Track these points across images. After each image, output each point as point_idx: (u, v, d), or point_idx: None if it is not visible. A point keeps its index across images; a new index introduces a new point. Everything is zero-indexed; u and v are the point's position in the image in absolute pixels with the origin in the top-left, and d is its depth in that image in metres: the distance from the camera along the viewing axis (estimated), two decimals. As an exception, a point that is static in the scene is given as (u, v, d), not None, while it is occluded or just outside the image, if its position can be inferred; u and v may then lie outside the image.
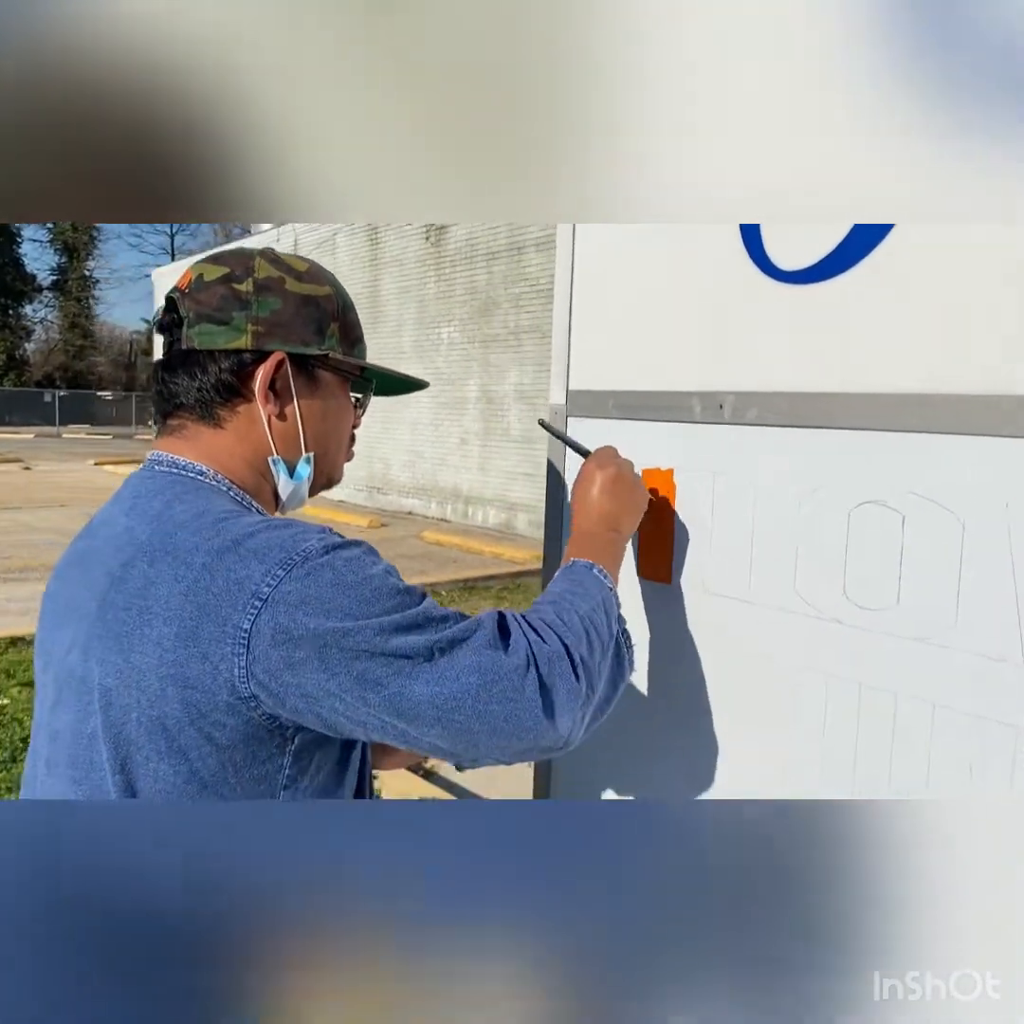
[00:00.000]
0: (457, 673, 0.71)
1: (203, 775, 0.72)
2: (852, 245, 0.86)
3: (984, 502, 0.77)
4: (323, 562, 0.72)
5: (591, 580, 0.89)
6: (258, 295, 0.85)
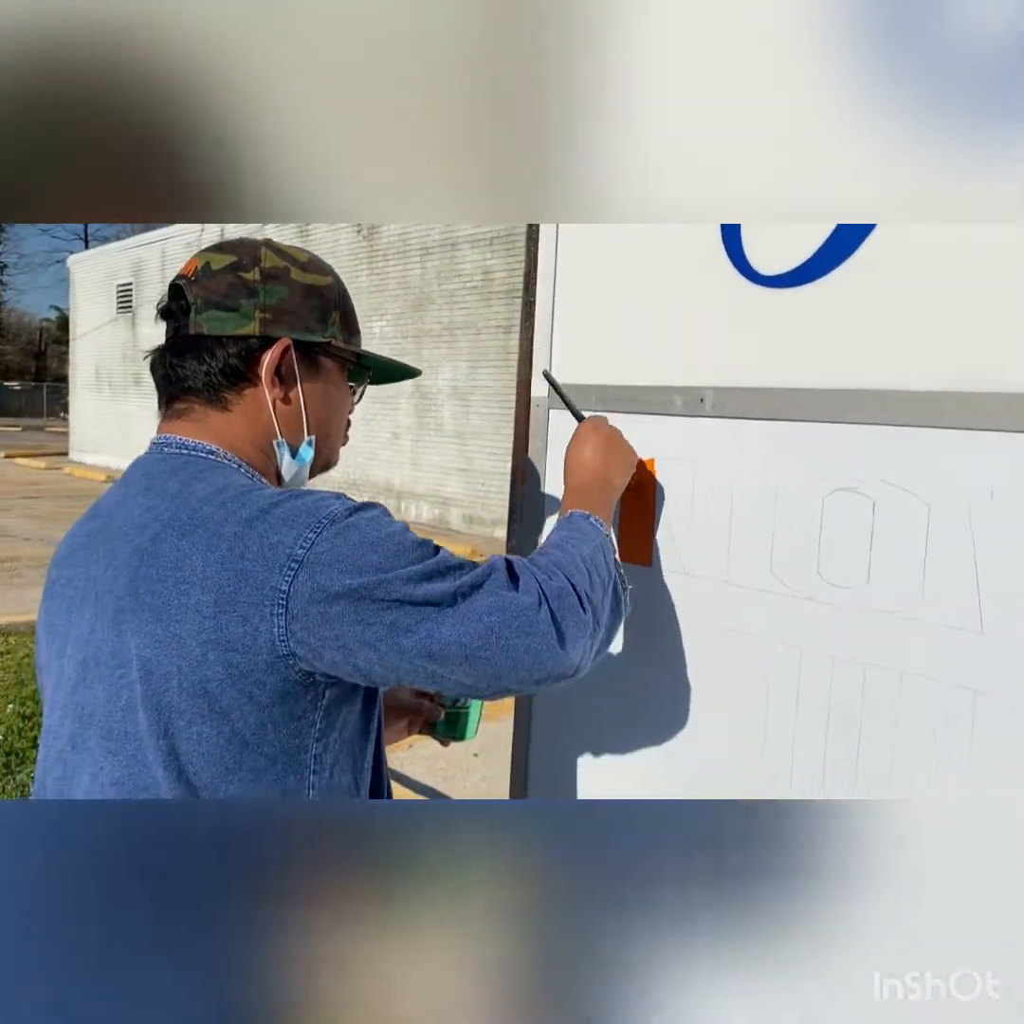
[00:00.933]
0: (479, 614, 0.77)
1: (244, 734, 0.77)
2: (827, 254, 0.93)
3: (947, 488, 0.85)
4: (349, 523, 0.77)
5: (589, 527, 0.95)
6: (265, 283, 0.88)
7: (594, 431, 1.05)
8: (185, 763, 0.76)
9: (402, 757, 3.61)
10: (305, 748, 0.80)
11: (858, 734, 0.93)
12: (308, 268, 0.92)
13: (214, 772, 0.77)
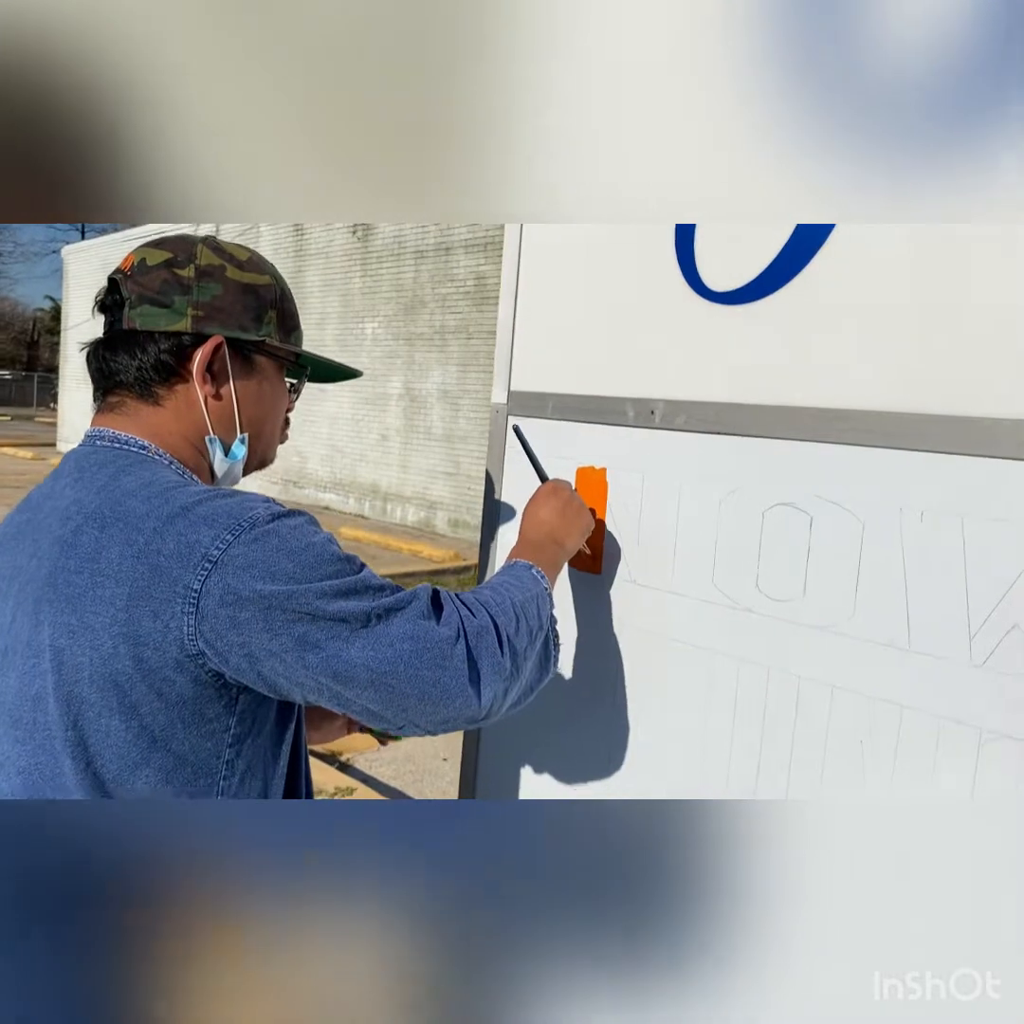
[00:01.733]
0: (391, 639, 0.76)
1: (153, 730, 0.76)
2: (774, 272, 0.95)
3: (881, 506, 0.87)
4: (269, 529, 0.76)
5: (529, 577, 0.95)
6: (199, 281, 0.89)
7: (554, 493, 1.06)
8: (93, 754, 0.76)
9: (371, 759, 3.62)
10: (218, 753, 0.80)
11: (791, 744, 0.95)
12: (245, 267, 0.92)
13: (121, 765, 0.77)
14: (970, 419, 0.80)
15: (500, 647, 0.82)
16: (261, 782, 0.86)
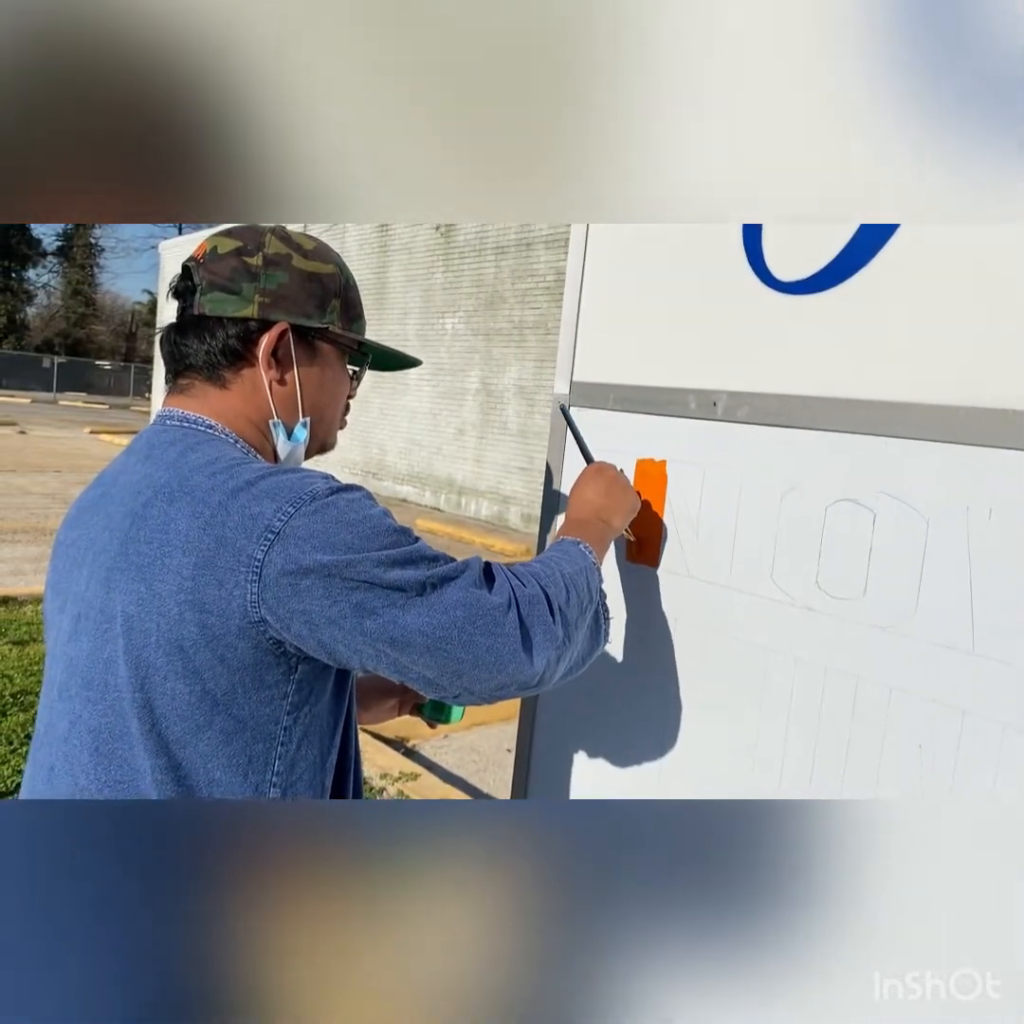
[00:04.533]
0: (446, 607, 0.79)
1: (215, 694, 0.80)
2: (842, 262, 0.93)
3: (947, 504, 0.84)
4: (328, 501, 0.79)
5: (577, 552, 0.96)
6: (266, 269, 0.92)
7: (599, 473, 1.07)
8: (158, 716, 0.80)
9: (436, 747, 3.67)
10: (276, 719, 0.83)
11: (847, 747, 0.93)
12: (311, 256, 0.95)
13: (184, 728, 0.80)
14: (1044, 414, 0.77)
15: (552, 615, 0.84)
16: (317, 751, 0.88)
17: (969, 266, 0.83)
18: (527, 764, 1.33)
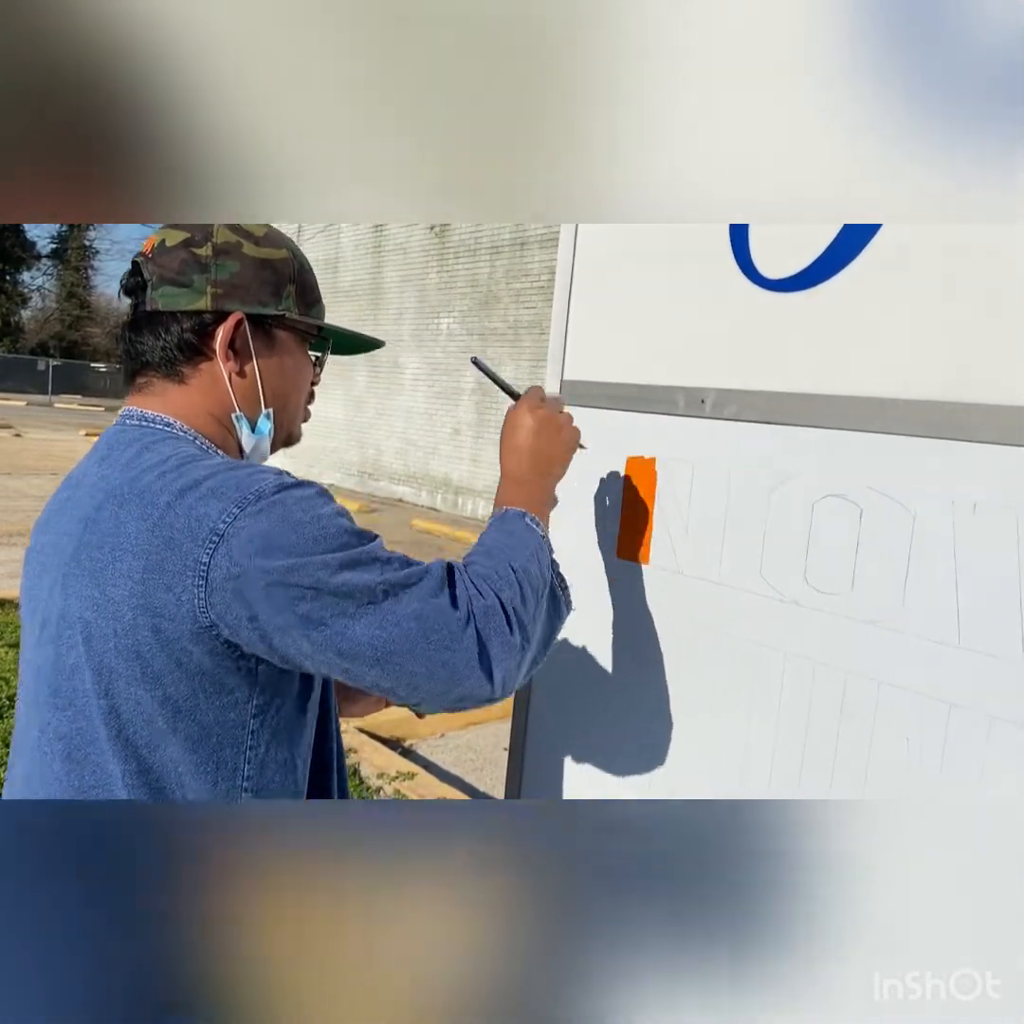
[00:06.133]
0: (399, 618, 0.75)
1: (176, 700, 0.78)
2: (829, 259, 0.93)
3: (933, 499, 0.85)
4: (275, 500, 0.76)
5: (523, 529, 0.92)
6: (217, 259, 0.89)
7: (529, 413, 1.00)
8: (125, 722, 0.78)
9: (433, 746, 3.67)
10: (242, 724, 0.81)
11: (836, 741, 0.93)
12: (262, 243, 0.92)
13: (152, 732, 0.78)
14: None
15: (509, 625, 0.81)
16: (288, 752, 0.87)
17: (954, 263, 0.84)
18: (520, 763, 1.34)
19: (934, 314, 0.85)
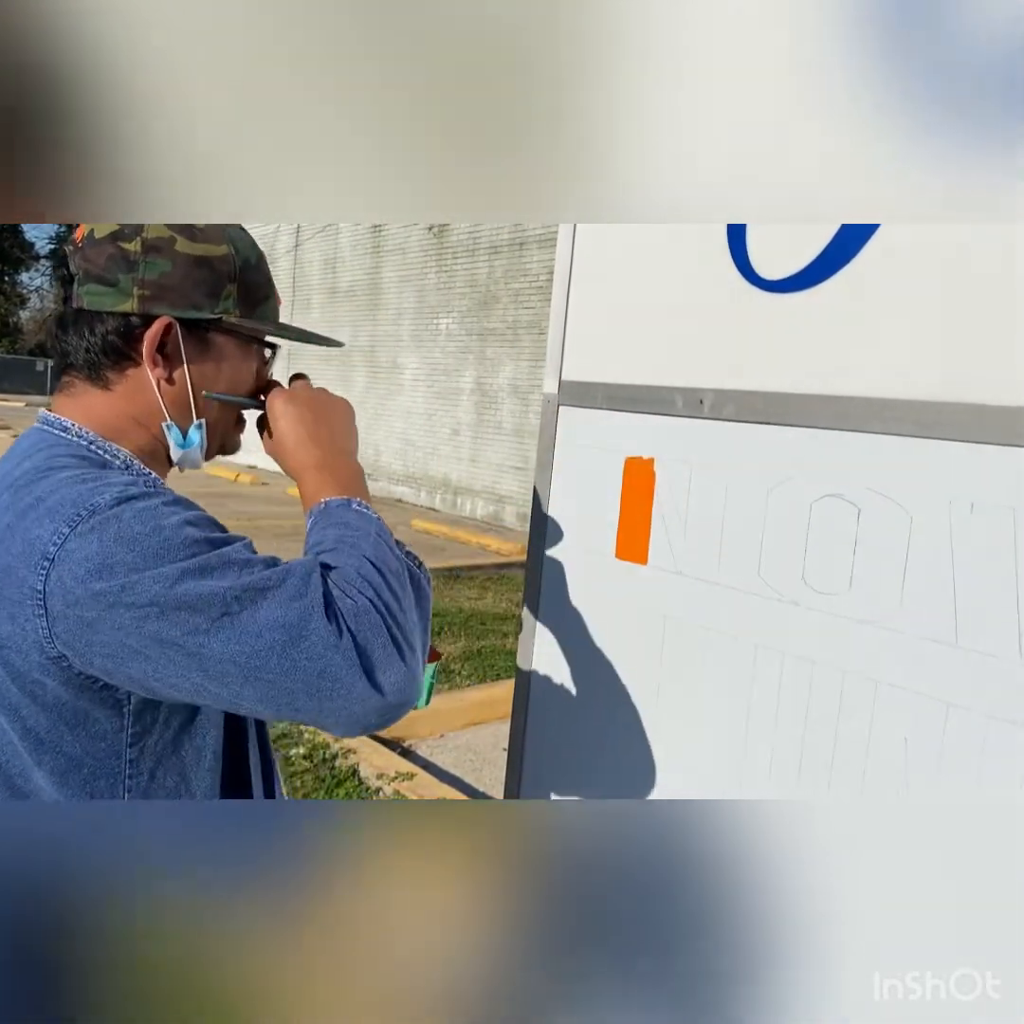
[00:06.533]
0: (260, 628, 0.67)
1: (38, 732, 0.72)
2: (826, 259, 0.94)
3: (931, 499, 0.85)
4: (110, 515, 0.69)
5: (355, 516, 0.81)
6: (146, 256, 0.81)
7: (287, 403, 0.89)
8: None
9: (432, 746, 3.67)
10: (116, 754, 0.74)
11: (834, 740, 0.93)
12: (199, 237, 0.83)
13: (22, 763, 0.73)
14: (1022, 410, 0.78)
15: (386, 624, 0.71)
16: (177, 777, 0.80)
17: (952, 263, 0.84)
18: (520, 763, 1.34)
19: (932, 314, 0.85)
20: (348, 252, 12.77)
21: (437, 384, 11.17)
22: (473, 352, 10.74)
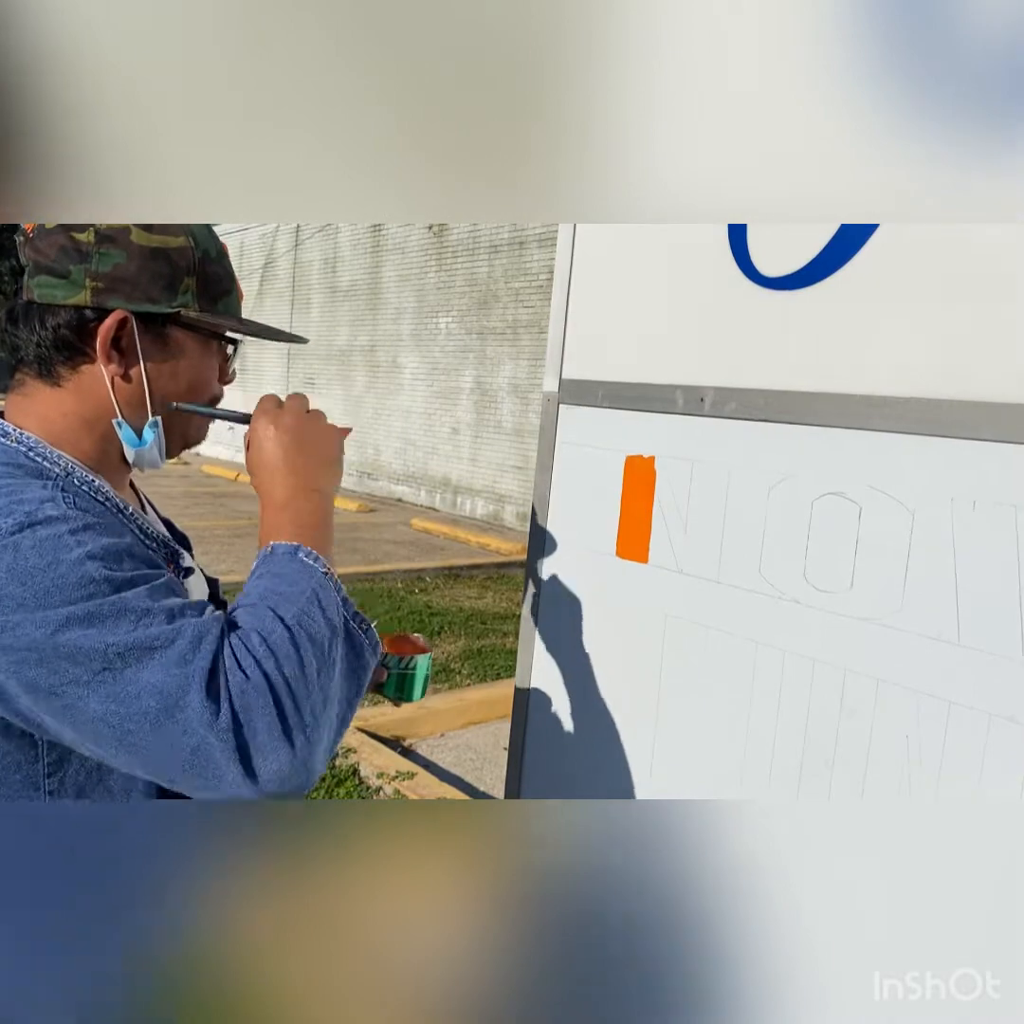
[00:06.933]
0: (138, 691, 0.62)
1: None
2: (827, 257, 0.93)
3: (932, 496, 0.85)
4: (8, 543, 0.65)
5: (297, 569, 0.74)
6: (99, 247, 0.78)
7: (271, 423, 0.82)
8: None
9: (432, 745, 3.67)
10: (34, 784, 0.71)
11: (835, 739, 0.93)
12: (155, 228, 0.80)
13: None
14: None
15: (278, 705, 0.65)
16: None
17: (952, 261, 0.84)
18: (520, 762, 1.34)
19: (933, 311, 0.85)
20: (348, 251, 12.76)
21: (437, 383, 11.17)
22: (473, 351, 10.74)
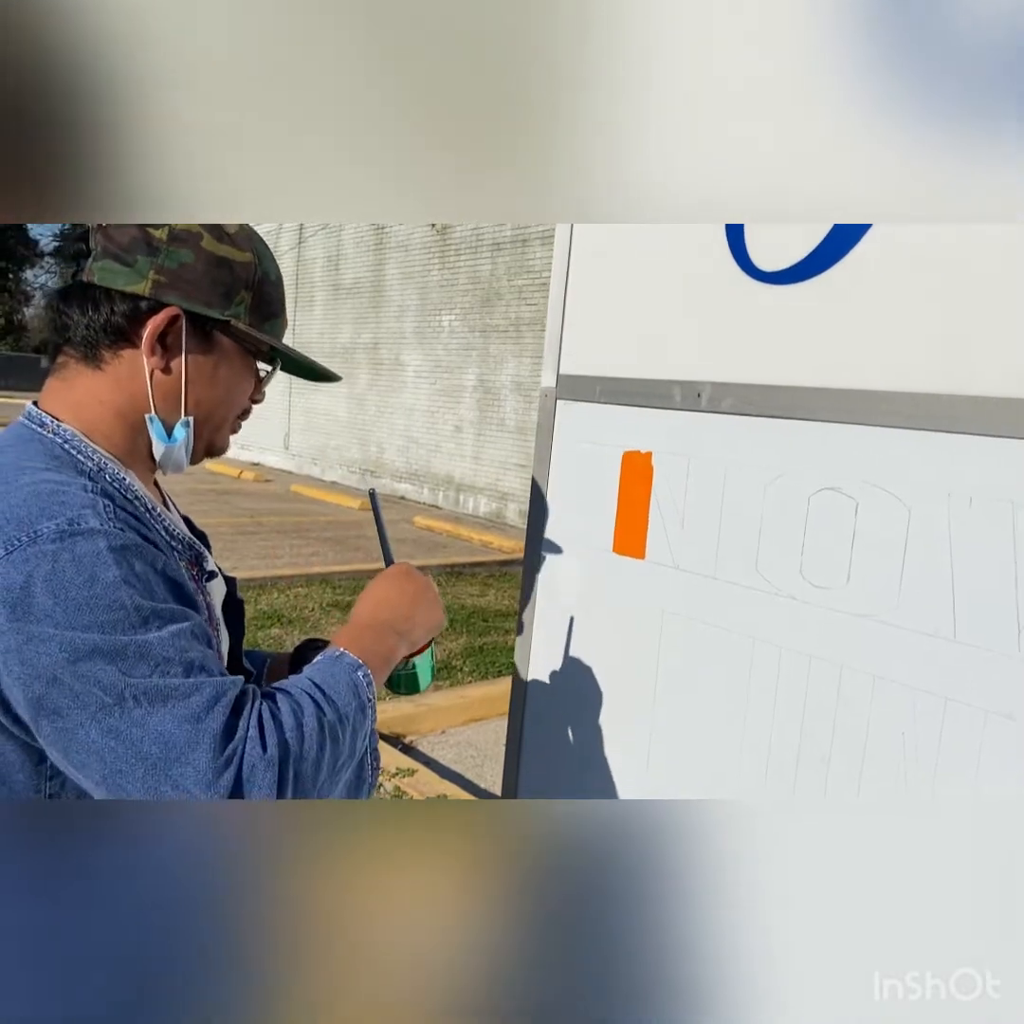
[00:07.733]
0: (143, 734, 0.62)
1: None
2: (824, 252, 0.93)
3: (929, 492, 0.84)
4: (50, 550, 0.65)
5: (347, 685, 0.76)
6: (170, 244, 0.81)
7: (408, 577, 0.92)
8: None
9: (433, 742, 3.67)
10: (36, 787, 0.71)
11: (831, 735, 0.93)
12: (226, 240, 0.83)
13: None
14: (1022, 401, 0.77)
15: (281, 788, 0.66)
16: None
17: (949, 256, 0.83)
18: (517, 760, 1.33)
19: (930, 306, 0.85)
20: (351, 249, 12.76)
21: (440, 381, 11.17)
22: (476, 349, 10.73)
